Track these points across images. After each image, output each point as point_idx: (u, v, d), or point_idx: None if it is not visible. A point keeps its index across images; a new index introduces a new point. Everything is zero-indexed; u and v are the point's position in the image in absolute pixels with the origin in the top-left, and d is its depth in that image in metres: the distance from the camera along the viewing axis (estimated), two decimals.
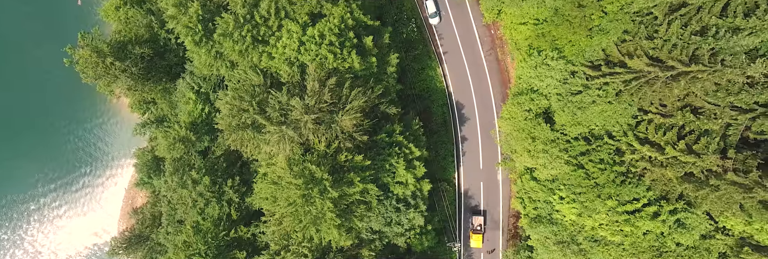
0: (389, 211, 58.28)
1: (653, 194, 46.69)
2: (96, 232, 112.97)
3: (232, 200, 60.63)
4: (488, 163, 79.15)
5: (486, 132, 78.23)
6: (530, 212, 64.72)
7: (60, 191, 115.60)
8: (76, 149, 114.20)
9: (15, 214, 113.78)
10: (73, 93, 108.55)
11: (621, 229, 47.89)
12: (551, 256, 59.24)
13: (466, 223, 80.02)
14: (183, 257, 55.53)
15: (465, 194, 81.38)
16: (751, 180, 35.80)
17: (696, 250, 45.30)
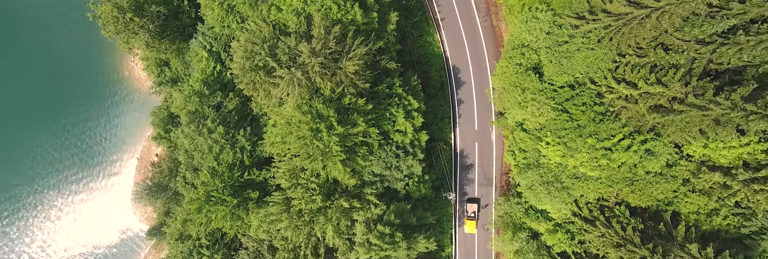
0: (389, 156, 63.10)
1: (628, 130, 51.47)
2: (111, 197, 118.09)
3: (244, 148, 65.53)
4: (483, 124, 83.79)
5: (481, 95, 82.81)
6: (520, 162, 69.58)
7: (78, 165, 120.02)
8: (93, 125, 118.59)
9: (38, 186, 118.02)
10: (90, 68, 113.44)
11: (599, 164, 52.64)
12: (537, 198, 64.19)
13: (462, 179, 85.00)
14: (202, 193, 60.43)
15: (461, 153, 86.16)
16: (706, 100, 40.37)
17: (663, 177, 50.24)
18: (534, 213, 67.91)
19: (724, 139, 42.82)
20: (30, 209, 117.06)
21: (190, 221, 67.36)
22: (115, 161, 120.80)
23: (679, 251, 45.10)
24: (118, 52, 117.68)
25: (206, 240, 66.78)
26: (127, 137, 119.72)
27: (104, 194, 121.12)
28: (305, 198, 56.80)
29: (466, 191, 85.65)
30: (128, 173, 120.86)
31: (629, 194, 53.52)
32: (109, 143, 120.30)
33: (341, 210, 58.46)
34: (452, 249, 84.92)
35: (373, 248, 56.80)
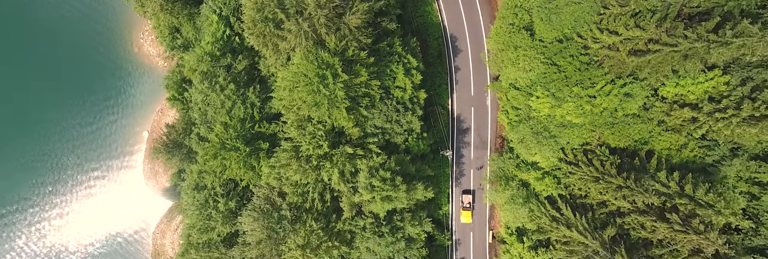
0: (390, 110, 67.59)
1: (610, 77, 55.89)
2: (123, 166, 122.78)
3: (254, 104, 70.09)
4: (478, 90, 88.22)
5: (477, 63, 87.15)
6: (513, 120, 74.19)
7: (91, 138, 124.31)
8: (104, 100, 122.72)
9: (58, 151, 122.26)
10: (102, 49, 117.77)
11: (583, 111, 57.07)
12: (528, 150, 68.77)
13: (459, 142, 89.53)
14: (217, 141, 65.07)
15: (458, 117, 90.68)
16: (675, 38, 44.60)
17: (640, 118, 54.81)
18: (525, 166, 72.53)
19: (693, 74, 47.19)
20: (49, 177, 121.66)
21: (206, 172, 72.14)
22: (127, 135, 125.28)
23: (650, 179, 49.70)
24: (128, 28, 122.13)
25: (221, 189, 71.54)
26: (137, 112, 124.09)
27: (115, 165, 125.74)
28: (313, 144, 61.44)
29: (463, 154, 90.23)
30: (139, 146, 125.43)
31: (609, 136, 58.14)
32: (121, 117, 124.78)
33: (346, 156, 63.10)
34: (449, 207, 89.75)
35: (376, 190, 61.46)
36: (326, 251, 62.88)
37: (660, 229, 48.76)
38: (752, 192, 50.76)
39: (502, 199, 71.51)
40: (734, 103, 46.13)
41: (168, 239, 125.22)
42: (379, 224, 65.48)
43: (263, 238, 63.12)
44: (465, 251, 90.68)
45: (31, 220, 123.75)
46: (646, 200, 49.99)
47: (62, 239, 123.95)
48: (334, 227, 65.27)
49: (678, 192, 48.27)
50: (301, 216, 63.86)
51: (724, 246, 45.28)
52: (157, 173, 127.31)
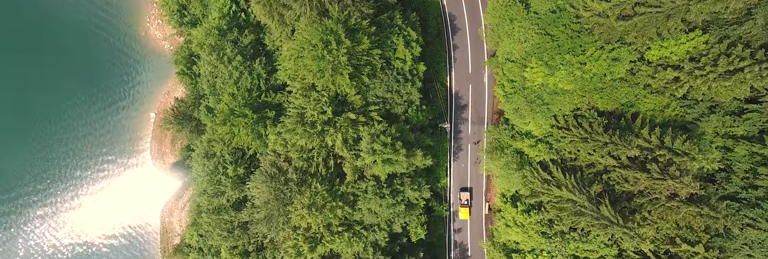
0: (391, 80, 70.79)
1: (599, 44, 58.94)
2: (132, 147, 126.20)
3: (260, 75, 73.41)
4: (476, 67, 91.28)
5: (475, 41, 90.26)
6: (508, 92, 77.33)
7: (100, 117, 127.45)
8: (112, 82, 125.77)
9: (68, 135, 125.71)
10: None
11: (574, 77, 60.16)
12: (522, 119, 71.95)
13: (457, 119, 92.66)
14: (226, 108, 68.32)
15: (456, 94, 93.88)
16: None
17: (627, 82, 58.00)
18: (519, 136, 75.77)
19: (675, 35, 50.17)
20: (60, 161, 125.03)
21: (215, 141, 75.43)
22: (134, 117, 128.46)
23: (633, 136, 52.88)
24: (134, 12, 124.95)
25: (229, 157, 74.84)
26: (144, 94, 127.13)
27: (123, 147, 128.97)
28: (317, 109, 64.60)
29: (461, 129, 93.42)
30: (146, 128, 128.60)
31: (598, 100, 61.27)
32: (128, 100, 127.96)
33: (349, 122, 66.31)
34: (448, 180, 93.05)
35: (377, 153, 64.65)
36: (331, 211, 66.17)
37: (641, 180, 52.01)
38: (727, 146, 54.04)
39: (498, 166, 74.74)
40: (712, 61, 49.22)
41: (176, 217, 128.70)
42: (380, 186, 68.72)
43: (271, 198, 66.44)
44: (462, 222, 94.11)
45: (44, 201, 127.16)
46: (629, 154, 53.15)
47: (72, 218, 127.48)
48: (338, 190, 68.58)
49: (658, 145, 51.53)
50: (306, 180, 67.17)
51: (696, 188, 48.67)
52: (164, 154, 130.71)
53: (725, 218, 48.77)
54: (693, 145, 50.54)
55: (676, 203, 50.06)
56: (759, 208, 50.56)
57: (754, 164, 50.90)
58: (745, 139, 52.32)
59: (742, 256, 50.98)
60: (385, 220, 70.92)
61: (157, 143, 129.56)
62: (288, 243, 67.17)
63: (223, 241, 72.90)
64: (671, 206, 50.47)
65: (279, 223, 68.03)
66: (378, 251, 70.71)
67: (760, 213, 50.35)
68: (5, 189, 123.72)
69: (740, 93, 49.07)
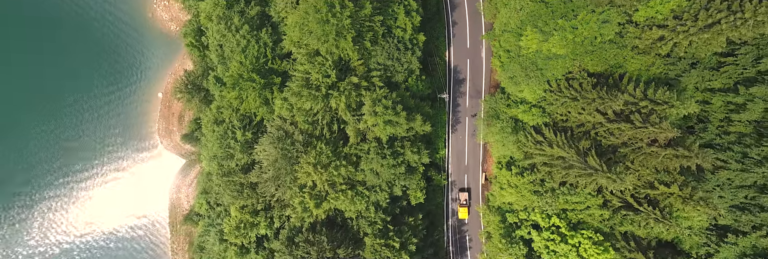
0: (392, 48, 74.25)
1: (590, 7, 62.25)
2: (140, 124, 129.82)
3: (266, 43, 76.94)
4: (474, 42, 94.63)
5: (473, 16, 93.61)
6: (504, 62, 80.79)
7: (110, 99, 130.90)
8: (118, 63, 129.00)
9: (77, 117, 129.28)
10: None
11: (566, 41, 63.50)
12: (517, 86, 75.47)
13: (455, 92, 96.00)
14: (235, 73, 71.88)
15: (455, 69, 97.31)
16: None
17: (615, 44, 61.39)
18: (514, 103, 79.33)
19: None
20: (73, 136, 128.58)
21: (224, 108, 78.99)
22: (141, 97, 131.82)
23: (619, 92, 56.39)
24: None
25: (238, 123, 78.39)
26: (151, 75, 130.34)
27: (131, 126, 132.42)
28: (322, 73, 68.06)
29: (459, 103, 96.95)
30: (154, 107, 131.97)
31: (589, 62, 64.73)
32: (136, 79, 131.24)
33: (352, 86, 69.88)
34: (446, 152, 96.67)
35: (378, 114, 68.16)
36: (335, 169, 69.80)
37: (625, 130, 55.56)
38: (706, 99, 57.66)
39: (494, 132, 78.34)
40: (693, 16, 52.58)
41: (183, 194, 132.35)
42: (381, 147, 72.28)
43: (278, 157, 70.00)
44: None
45: (57, 175, 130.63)
46: (615, 107, 56.65)
47: (81, 195, 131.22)
48: (342, 152, 72.23)
49: (641, 98, 55.03)
50: (311, 142, 70.75)
51: (673, 131, 52.30)
52: (171, 132, 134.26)
53: (697, 156, 52.53)
54: (672, 94, 54.15)
55: (656, 148, 53.74)
56: (730, 151, 54.44)
57: (727, 112, 54.61)
58: (721, 91, 55.91)
59: (715, 197, 54.80)
60: (386, 181, 74.51)
61: (165, 121, 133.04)
62: (295, 200, 70.92)
63: (234, 199, 76.63)
64: (651, 152, 54.15)
65: (286, 181, 71.74)
66: (379, 210, 74.44)
67: (730, 155, 54.34)
68: (23, 169, 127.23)
69: (717, 46, 52.48)
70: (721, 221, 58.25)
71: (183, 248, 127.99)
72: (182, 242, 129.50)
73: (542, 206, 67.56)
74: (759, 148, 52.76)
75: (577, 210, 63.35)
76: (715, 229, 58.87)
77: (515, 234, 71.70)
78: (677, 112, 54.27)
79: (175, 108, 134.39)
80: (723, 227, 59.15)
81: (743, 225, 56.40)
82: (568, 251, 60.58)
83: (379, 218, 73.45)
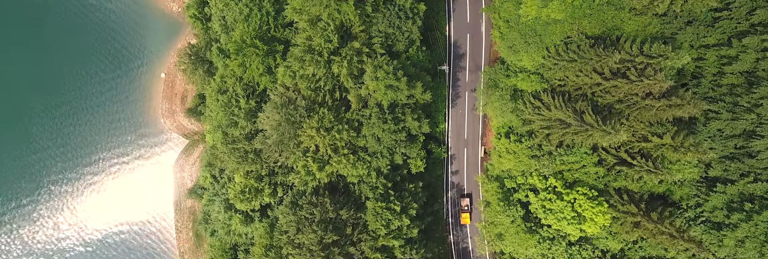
0: (393, 16, 75.59)
1: None
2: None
3: (269, 12, 78.38)
4: (474, 16, 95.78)
5: None
6: (504, 32, 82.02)
7: (114, 79, 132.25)
8: (120, 44, 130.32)
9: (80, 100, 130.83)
10: None
11: (565, 5, 64.73)
12: (516, 54, 76.79)
13: (455, 67, 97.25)
14: (239, 39, 73.52)
15: (455, 43, 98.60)
16: None
17: (613, 6, 62.79)
18: (513, 73, 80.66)
19: None
20: (75, 116, 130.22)
21: (227, 77, 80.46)
22: (143, 78, 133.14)
23: (616, 50, 57.65)
24: None
25: (242, 91, 79.87)
26: (153, 56, 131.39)
27: (134, 107, 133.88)
28: (324, 37, 69.45)
29: (458, 77, 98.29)
30: (156, 89, 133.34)
31: (587, 25, 66.07)
32: (138, 60, 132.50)
33: (354, 51, 71.28)
34: (446, 126, 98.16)
35: (380, 79, 69.56)
36: (338, 132, 71.19)
37: (620, 87, 56.99)
38: (700, 56, 59.06)
39: (493, 100, 79.75)
40: None
41: (186, 172, 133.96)
42: (383, 112, 73.71)
43: (282, 121, 71.44)
44: (459, 165, 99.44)
45: (62, 156, 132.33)
46: (612, 65, 57.95)
47: (85, 173, 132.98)
48: (344, 117, 73.71)
49: (637, 54, 56.34)
50: (314, 107, 72.24)
51: (667, 81, 53.66)
52: (174, 112, 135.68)
53: (690, 102, 53.99)
54: (667, 47, 55.48)
55: (650, 101, 55.17)
56: (722, 101, 55.96)
57: (720, 66, 56.04)
58: (715, 46, 57.23)
59: (705, 148, 56.41)
60: (387, 147, 75.96)
61: (168, 102, 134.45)
62: (299, 163, 72.49)
63: (238, 165, 78.24)
64: (645, 105, 55.56)
65: (289, 146, 73.25)
66: (381, 176, 76.01)
67: (722, 105, 55.87)
68: (31, 151, 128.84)
69: (713, 0, 53.72)
70: (711, 173, 60.55)
71: (187, 226, 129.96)
72: (186, 220, 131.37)
73: (540, 169, 69.09)
74: (749, 95, 54.57)
75: (573, 170, 64.86)
76: (705, 181, 60.97)
77: (513, 198, 73.35)
78: (672, 65, 55.69)
79: (177, 88, 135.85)
80: (712, 179, 61.41)
81: (732, 174, 58.56)
82: (563, 208, 62.21)
83: (381, 183, 75.05)
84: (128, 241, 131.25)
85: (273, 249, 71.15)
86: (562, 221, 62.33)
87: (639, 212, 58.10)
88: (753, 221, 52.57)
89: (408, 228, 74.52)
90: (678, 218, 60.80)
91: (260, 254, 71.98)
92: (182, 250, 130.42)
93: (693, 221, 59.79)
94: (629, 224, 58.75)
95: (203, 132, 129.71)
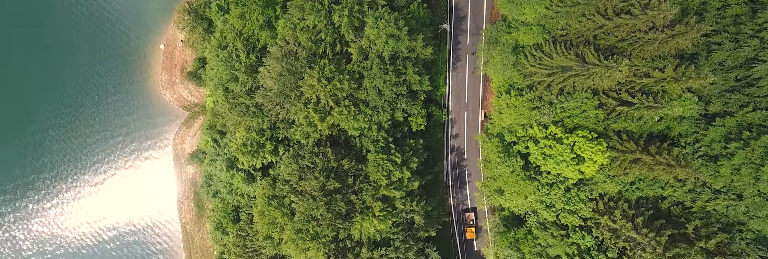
0: None
1: None
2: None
3: None
4: None
5: None
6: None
7: (114, 53, 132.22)
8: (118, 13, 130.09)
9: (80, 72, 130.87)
10: None
11: None
12: (519, 10, 76.82)
13: (456, 30, 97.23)
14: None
15: (456, 6, 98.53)
16: None
17: None
18: (514, 28, 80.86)
19: None
20: (73, 90, 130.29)
21: (227, 31, 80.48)
22: (143, 50, 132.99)
23: None
24: None
25: (242, 47, 79.93)
26: (152, 27, 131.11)
27: (134, 79, 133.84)
28: None
29: (460, 40, 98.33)
30: (157, 59, 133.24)
31: None
32: (137, 32, 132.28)
33: (355, 0, 71.22)
34: (446, 89, 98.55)
35: (381, 28, 69.71)
36: (339, 82, 71.47)
37: (624, 25, 57.15)
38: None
39: (494, 54, 80.00)
40: None
41: (187, 144, 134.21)
42: (384, 63, 73.94)
43: (283, 71, 71.71)
44: (459, 129, 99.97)
45: (63, 124, 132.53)
46: (617, 1, 57.84)
47: (85, 143, 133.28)
48: (345, 69, 73.91)
49: None
50: (315, 59, 72.41)
51: (672, 10, 53.70)
52: (174, 84, 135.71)
53: (693, 28, 54.15)
54: None
55: (653, 34, 55.32)
56: (725, 32, 56.20)
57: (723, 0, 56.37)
58: None
59: (706, 72, 56.71)
60: (388, 102, 76.18)
61: (167, 73, 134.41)
62: (300, 114, 72.78)
63: (240, 118, 78.50)
64: (648, 40, 55.78)
65: (291, 97, 73.45)
66: (382, 130, 76.38)
67: (725, 36, 56.07)
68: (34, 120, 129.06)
69: None
70: (711, 109, 61.08)
71: (188, 197, 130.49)
72: (187, 191, 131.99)
73: (540, 119, 69.48)
74: (753, 22, 55.02)
75: (573, 116, 65.22)
76: (705, 118, 61.92)
77: (513, 150, 73.85)
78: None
79: (177, 59, 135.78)
80: (711, 116, 61.88)
81: (731, 106, 58.85)
82: (563, 151, 62.62)
83: (382, 136, 75.41)
84: (130, 214, 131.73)
85: (275, 199, 71.65)
86: (561, 164, 62.79)
87: (637, 148, 58.59)
88: (750, 147, 53.15)
89: (409, 181, 75.09)
90: (676, 147, 61.65)
91: (263, 204, 72.42)
92: (184, 221, 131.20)
93: (691, 156, 60.43)
94: (628, 162, 59.29)
95: (203, 103, 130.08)
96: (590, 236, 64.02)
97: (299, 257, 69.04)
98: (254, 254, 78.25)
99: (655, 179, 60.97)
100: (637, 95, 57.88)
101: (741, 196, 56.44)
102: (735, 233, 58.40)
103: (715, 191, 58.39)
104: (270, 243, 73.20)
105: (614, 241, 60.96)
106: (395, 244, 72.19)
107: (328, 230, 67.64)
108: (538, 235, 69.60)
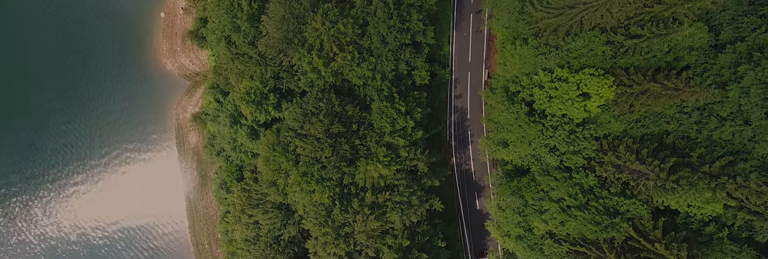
0: None
1: None
2: None
3: None
4: None
5: None
6: None
7: (112, 21, 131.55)
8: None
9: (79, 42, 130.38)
10: None
11: None
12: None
13: None
14: None
15: None
16: None
17: None
18: None
19: None
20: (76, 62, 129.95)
21: None
22: (143, 18, 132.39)
23: None
24: None
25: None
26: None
27: (135, 48, 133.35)
28: None
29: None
30: (158, 26, 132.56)
31: None
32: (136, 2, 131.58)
33: None
34: (450, 48, 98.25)
35: None
36: (344, 25, 71.24)
37: None
38: None
39: (498, 7, 79.54)
40: None
41: (189, 113, 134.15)
42: (388, 7, 73.35)
43: (285, 14, 71.35)
44: (463, 89, 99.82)
45: (63, 99, 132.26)
46: None
47: (86, 116, 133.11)
48: (349, 13, 73.52)
49: None
50: (318, 4, 72.00)
51: None
52: (175, 52, 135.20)
53: None
54: None
55: None
56: None
57: None
58: None
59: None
60: (392, 51, 75.92)
61: (168, 42, 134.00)
62: (304, 61, 72.61)
63: (243, 67, 78.26)
64: None
65: (294, 43, 73.16)
66: (386, 79, 76.25)
67: None
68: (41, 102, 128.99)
69: None
70: (722, 37, 59.93)
71: (191, 166, 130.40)
72: (190, 160, 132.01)
73: (546, 64, 69.17)
74: None
75: (580, 56, 64.91)
76: (714, 48, 61.00)
77: (517, 97, 73.67)
78: None
79: (178, 27, 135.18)
80: (722, 45, 60.66)
81: (743, 30, 57.38)
82: (568, 89, 62.42)
83: (386, 86, 75.20)
84: (131, 186, 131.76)
85: (280, 145, 71.53)
86: (566, 103, 62.60)
87: (645, 79, 58.26)
88: (761, 66, 52.30)
89: (413, 130, 75.08)
90: (685, 71, 60.62)
91: (268, 151, 72.38)
92: (187, 190, 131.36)
93: (699, 82, 58.78)
94: (634, 96, 59.09)
95: (204, 72, 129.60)
96: (593, 174, 64.11)
97: (305, 201, 69.26)
98: (259, 203, 78.43)
99: (660, 114, 60.78)
100: (647, 26, 57.38)
101: (748, 121, 56.13)
102: (739, 162, 58.20)
103: (721, 118, 58.12)
104: (275, 190, 73.28)
105: (617, 176, 61.11)
106: (399, 189, 72.33)
107: (333, 172, 67.72)
108: (541, 181, 69.64)
